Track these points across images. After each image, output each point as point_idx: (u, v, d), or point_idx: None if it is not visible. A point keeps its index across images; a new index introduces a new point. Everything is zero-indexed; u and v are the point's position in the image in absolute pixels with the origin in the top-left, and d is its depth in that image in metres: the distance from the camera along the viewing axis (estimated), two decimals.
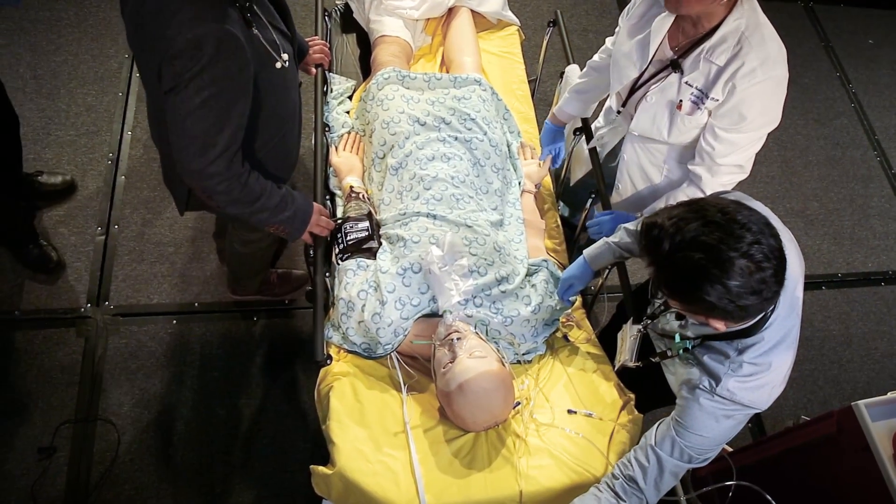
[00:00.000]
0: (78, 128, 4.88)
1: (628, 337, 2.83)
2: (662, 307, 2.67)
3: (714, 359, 2.30)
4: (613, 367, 2.97)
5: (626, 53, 3.06)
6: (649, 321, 2.76)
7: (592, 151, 3.50)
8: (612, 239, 2.93)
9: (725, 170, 2.92)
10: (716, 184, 2.95)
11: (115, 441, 3.84)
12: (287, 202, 2.88)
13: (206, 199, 2.66)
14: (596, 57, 3.44)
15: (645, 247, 2.07)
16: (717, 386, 2.26)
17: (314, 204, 3.06)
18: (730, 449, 3.84)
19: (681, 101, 2.88)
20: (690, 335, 2.42)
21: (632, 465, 2.46)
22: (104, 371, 4.02)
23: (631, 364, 2.77)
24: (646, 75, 3.02)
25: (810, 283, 5.08)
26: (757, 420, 4.41)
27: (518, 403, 2.78)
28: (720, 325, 2.08)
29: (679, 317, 2.53)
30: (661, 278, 2.05)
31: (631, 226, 2.87)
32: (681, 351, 2.42)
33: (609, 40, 3.36)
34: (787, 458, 3.36)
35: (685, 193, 3.01)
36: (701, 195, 2.94)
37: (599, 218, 3.30)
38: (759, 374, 2.24)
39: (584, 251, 3.02)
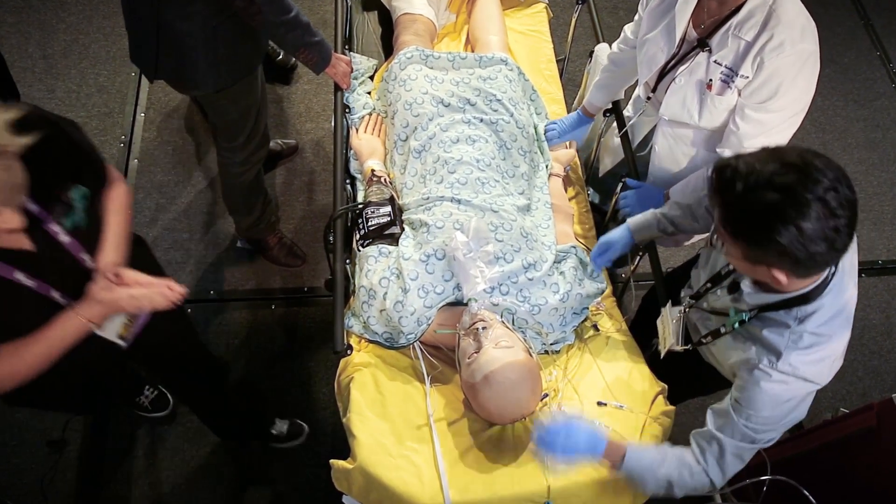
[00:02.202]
0: (89, 109, 4.90)
1: (670, 321, 2.82)
2: (709, 284, 2.65)
3: (773, 331, 2.27)
4: (645, 356, 2.97)
5: (651, 40, 3.06)
6: (693, 301, 2.75)
7: (624, 137, 3.49)
8: (660, 210, 2.95)
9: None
10: None
11: (128, 435, 3.86)
12: (314, 29, 3.27)
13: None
14: (615, 47, 3.43)
15: (716, 189, 2.06)
16: (777, 361, 2.23)
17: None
18: None
19: (710, 80, 2.87)
20: (745, 307, 2.40)
21: (693, 448, 2.46)
22: None
23: (678, 348, 2.76)
24: (674, 59, 3.01)
25: None
26: None
27: (546, 395, 2.77)
28: (783, 277, 2.05)
29: (732, 289, 2.49)
30: (730, 220, 2.04)
31: (682, 199, 2.89)
32: (736, 325, 2.40)
33: (628, 28, 3.34)
34: (824, 451, 3.35)
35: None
36: None
37: (630, 188, 3.35)
38: (819, 346, 2.22)
39: (629, 219, 3.04)
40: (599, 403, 2.79)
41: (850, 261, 2.27)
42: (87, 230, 2.36)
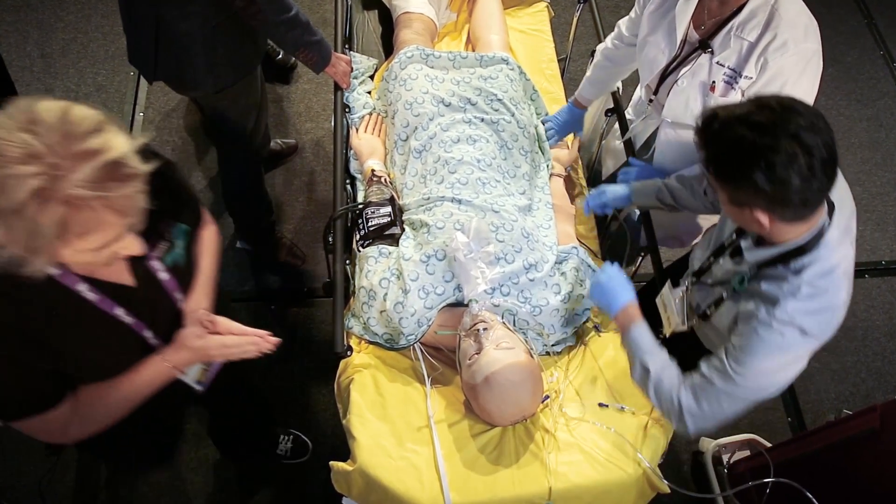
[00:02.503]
0: None
1: (672, 301, 2.83)
2: (713, 257, 2.66)
3: (772, 284, 2.27)
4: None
5: (652, 42, 3.06)
6: (695, 279, 2.76)
7: (627, 143, 3.49)
8: (663, 180, 3.00)
9: None
10: None
11: None
12: (314, 28, 3.28)
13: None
14: (608, 43, 3.43)
15: (699, 130, 2.15)
16: (775, 310, 2.22)
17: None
18: (768, 444, 3.83)
19: (713, 82, 2.87)
20: (746, 268, 2.41)
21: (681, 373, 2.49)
22: None
23: (683, 327, 2.77)
24: (675, 61, 3.01)
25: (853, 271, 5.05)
26: (797, 414, 4.39)
27: (547, 397, 2.77)
28: (765, 219, 2.10)
29: (734, 255, 2.51)
30: (710, 159, 2.13)
31: (686, 172, 2.94)
32: (737, 285, 2.42)
33: (622, 24, 3.35)
34: (827, 453, 3.35)
35: None
36: None
37: (631, 167, 3.37)
38: (817, 297, 2.21)
39: (634, 182, 3.12)
40: (601, 405, 2.79)
41: (847, 220, 2.31)
42: (183, 269, 2.33)
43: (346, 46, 3.79)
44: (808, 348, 2.26)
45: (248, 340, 2.32)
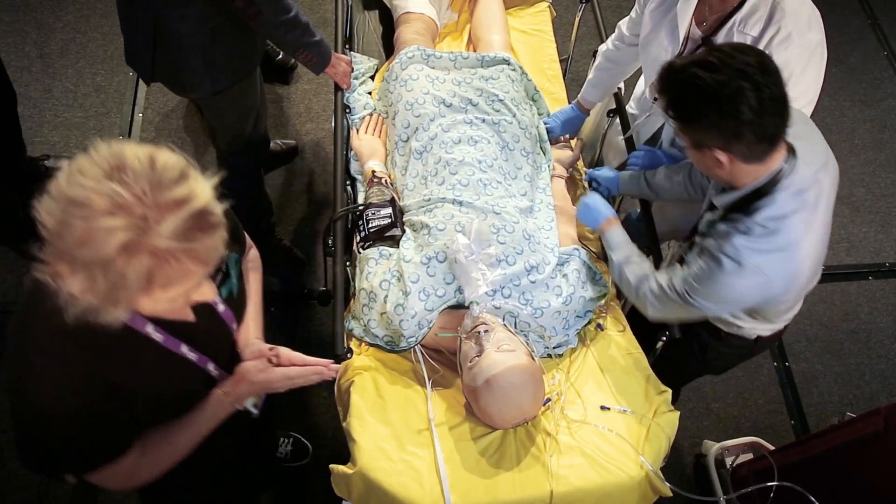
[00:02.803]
0: (87, 109, 4.91)
1: (670, 257, 3.08)
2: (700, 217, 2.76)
3: (730, 226, 2.42)
4: (649, 360, 2.98)
5: (654, 41, 3.07)
6: (687, 245, 2.87)
7: (628, 141, 3.50)
8: (649, 172, 3.14)
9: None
10: None
11: None
12: (313, 29, 3.28)
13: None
14: (610, 44, 3.45)
15: (658, 78, 2.33)
16: (724, 244, 2.39)
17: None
18: (771, 447, 3.83)
19: None
20: (716, 216, 2.55)
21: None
22: None
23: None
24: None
25: (856, 273, 5.07)
26: (800, 417, 4.39)
27: (549, 399, 2.78)
28: (724, 158, 2.27)
29: (712, 207, 2.61)
30: (668, 103, 2.30)
31: (674, 172, 3.05)
32: (705, 229, 2.57)
33: (623, 24, 3.37)
34: (831, 456, 3.34)
35: None
36: None
37: (639, 151, 3.44)
38: (766, 238, 2.35)
39: (621, 172, 3.32)
40: (603, 408, 2.79)
41: (815, 171, 2.45)
42: (237, 299, 2.31)
43: (347, 47, 3.79)
44: (750, 285, 2.41)
45: (312, 371, 2.30)
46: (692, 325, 2.97)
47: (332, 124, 3.50)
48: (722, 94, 2.14)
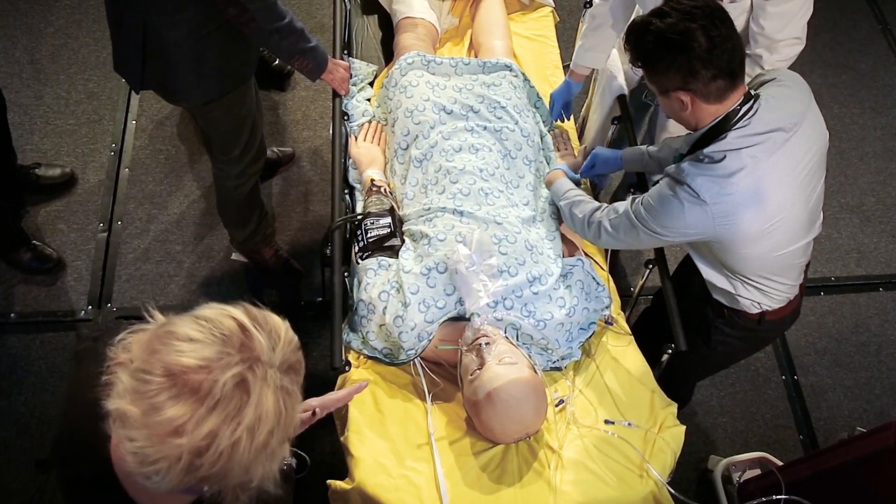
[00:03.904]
0: (78, 116, 4.91)
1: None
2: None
3: (687, 158, 2.64)
4: (654, 374, 2.98)
5: None
6: None
7: (630, 129, 3.64)
8: (651, 147, 3.26)
9: (785, 43, 3.13)
10: (775, 59, 3.19)
11: None
12: (308, 35, 3.27)
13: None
14: (596, 3, 3.48)
15: (625, 37, 2.68)
16: (676, 169, 2.59)
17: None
18: (779, 463, 3.83)
19: None
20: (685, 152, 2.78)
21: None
22: None
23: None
24: None
25: (866, 285, 5.06)
26: (809, 432, 4.38)
27: (562, 401, 2.78)
28: (687, 98, 2.53)
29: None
30: (634, 56, 2.59)
31: (675, 143, 3.09)
32: (672, 167, 2.68)
33: None
34: (840, 472, 3.34)
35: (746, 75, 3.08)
36: (760, 70, 3.17)
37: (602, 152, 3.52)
38: (712, 165, 2.51)
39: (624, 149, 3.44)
40: (607, 422, 2.79)
41: (786, 137, 2.56)
42: None
43: (345, 52, 3.80)
44: (700, 210, 2.54)
45: (349, 397, 2.46)
46: (696, 302, 3.08)
47: (330, 131, 3.50)
48: (672, 36, 2.41)
